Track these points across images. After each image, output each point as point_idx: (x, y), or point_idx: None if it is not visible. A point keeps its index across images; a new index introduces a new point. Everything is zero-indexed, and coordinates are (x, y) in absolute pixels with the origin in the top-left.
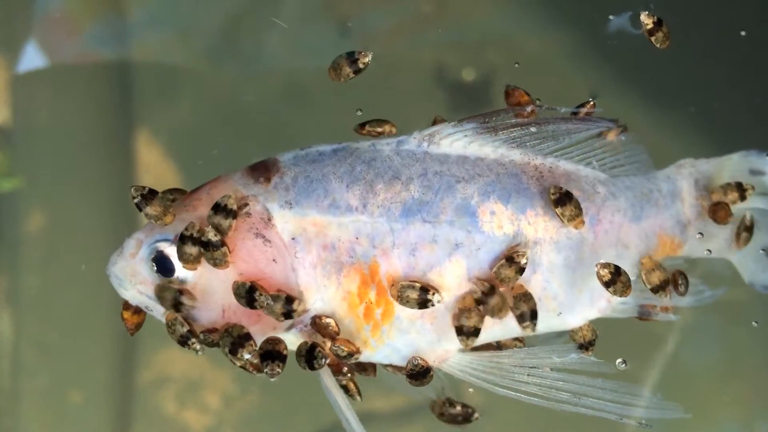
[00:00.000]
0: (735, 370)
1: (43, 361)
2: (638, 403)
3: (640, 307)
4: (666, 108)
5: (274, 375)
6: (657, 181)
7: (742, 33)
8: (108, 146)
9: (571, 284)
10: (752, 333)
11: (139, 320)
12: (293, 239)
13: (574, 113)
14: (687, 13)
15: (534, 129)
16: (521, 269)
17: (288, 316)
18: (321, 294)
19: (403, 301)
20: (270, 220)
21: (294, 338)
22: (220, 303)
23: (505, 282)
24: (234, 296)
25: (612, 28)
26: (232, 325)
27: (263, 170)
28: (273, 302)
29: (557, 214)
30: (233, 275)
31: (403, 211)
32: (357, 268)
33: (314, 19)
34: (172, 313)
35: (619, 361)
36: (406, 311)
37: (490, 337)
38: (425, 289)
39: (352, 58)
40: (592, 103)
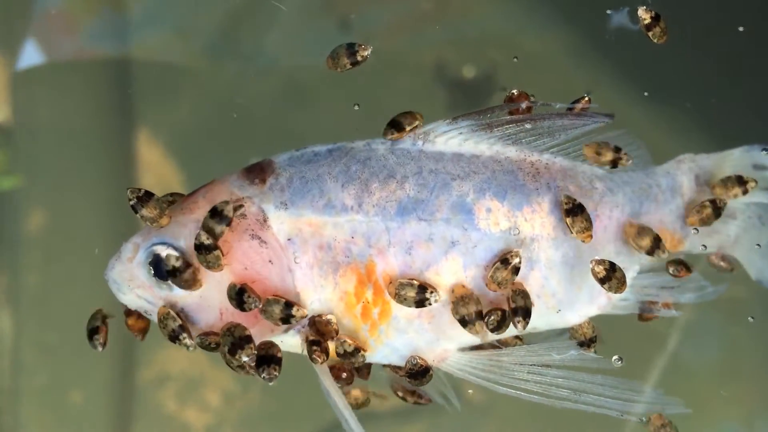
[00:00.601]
0: (735, 368)
1: (43, 360)
2: (639, 399)
3: (641, 303)
4: (663, 103)
5: (273, 379)
6: (656, 177)
7: (740, 28)
8: (108, 144)
9: (570, 281)
10: (752, 330)
11: (145, 325)
12: (289, 240)
13: (569, 109)
14: (684, 9)
15: (529, 126)
16: (516, 269)
17: (286, 321)
18: (318, 295)
19: (400, 300)
20: (266, 221)
21: (292, 340)
22: (218, 305)
23: (502, 285)
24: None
25: (610, 23)
26: (236, 325)
27: (258, 172)
28: (268, 306)
29: (567, 223)
30: (230, 277)
31: (398, 209)
32: (353, 267)
33: (314, 17)
34: (164, 308)
35: (615, 358)
36: (404, 311)
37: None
38: (423, 287)
39: (351, 50)
40: (587, 98)
